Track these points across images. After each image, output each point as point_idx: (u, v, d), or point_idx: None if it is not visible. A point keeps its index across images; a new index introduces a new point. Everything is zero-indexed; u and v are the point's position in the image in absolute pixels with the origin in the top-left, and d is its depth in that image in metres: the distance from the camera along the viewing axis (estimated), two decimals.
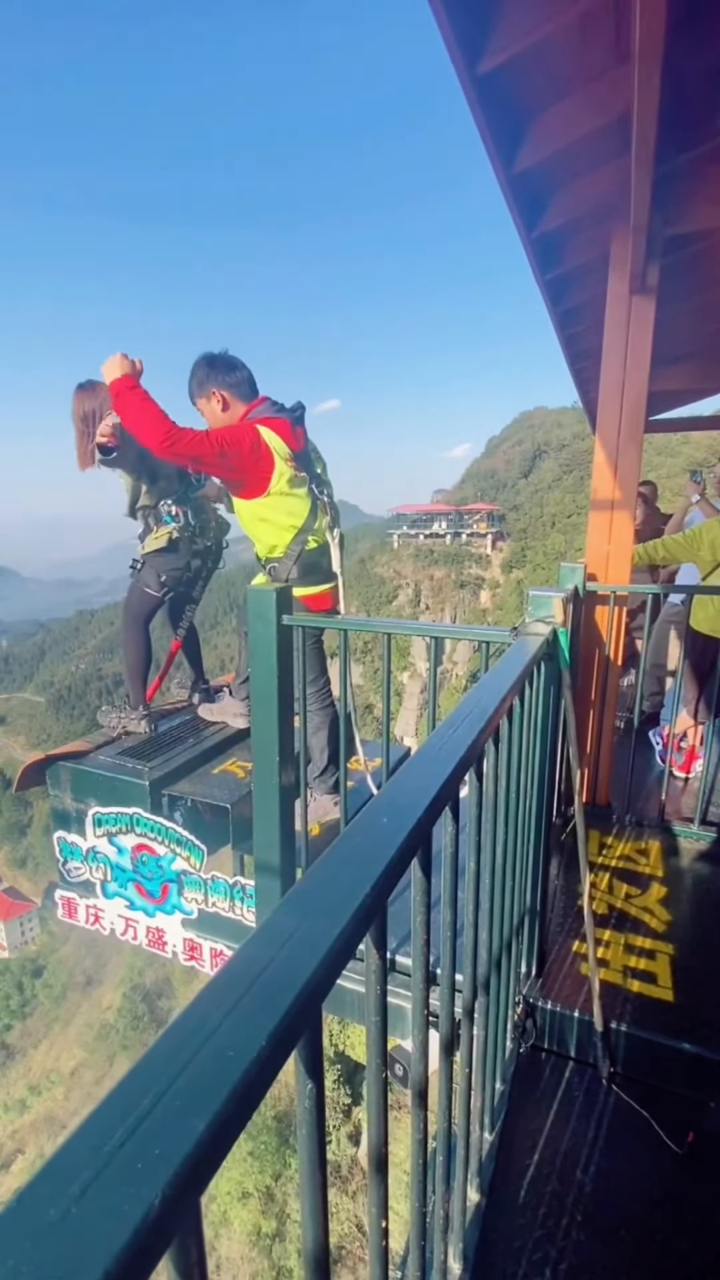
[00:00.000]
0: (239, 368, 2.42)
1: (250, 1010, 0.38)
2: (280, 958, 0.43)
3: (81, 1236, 0.27)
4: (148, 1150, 0.30)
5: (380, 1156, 0.65)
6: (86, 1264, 0.26)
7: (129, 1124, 0.31)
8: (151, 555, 2.82)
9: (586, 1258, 1.31)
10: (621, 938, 2.09)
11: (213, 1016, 0.38)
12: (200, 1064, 0.35)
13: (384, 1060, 0.64)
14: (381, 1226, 0.68)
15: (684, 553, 3.19)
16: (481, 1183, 1.39)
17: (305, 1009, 0.41)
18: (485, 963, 1.26)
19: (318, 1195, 0.50)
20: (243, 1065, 0.35)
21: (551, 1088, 1.70)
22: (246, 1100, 0.34)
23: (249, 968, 0.42)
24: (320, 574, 2.44)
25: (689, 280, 3.07)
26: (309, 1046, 0.46)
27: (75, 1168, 0.29)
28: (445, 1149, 1.02)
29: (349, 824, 0.65)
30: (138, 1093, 0.33)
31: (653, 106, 1.67)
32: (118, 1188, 0.29)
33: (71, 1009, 37.18)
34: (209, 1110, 0.32)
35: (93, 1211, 0.28)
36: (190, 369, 2.44)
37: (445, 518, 65.78)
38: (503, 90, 2.08)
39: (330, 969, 0.45)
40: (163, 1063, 0.35)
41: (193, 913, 2.44)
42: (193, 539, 2.85)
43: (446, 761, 0.80)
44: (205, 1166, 0.31)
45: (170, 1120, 0.32)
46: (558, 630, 1.69)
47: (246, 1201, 19.79)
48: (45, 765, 2.75)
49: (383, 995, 0.63)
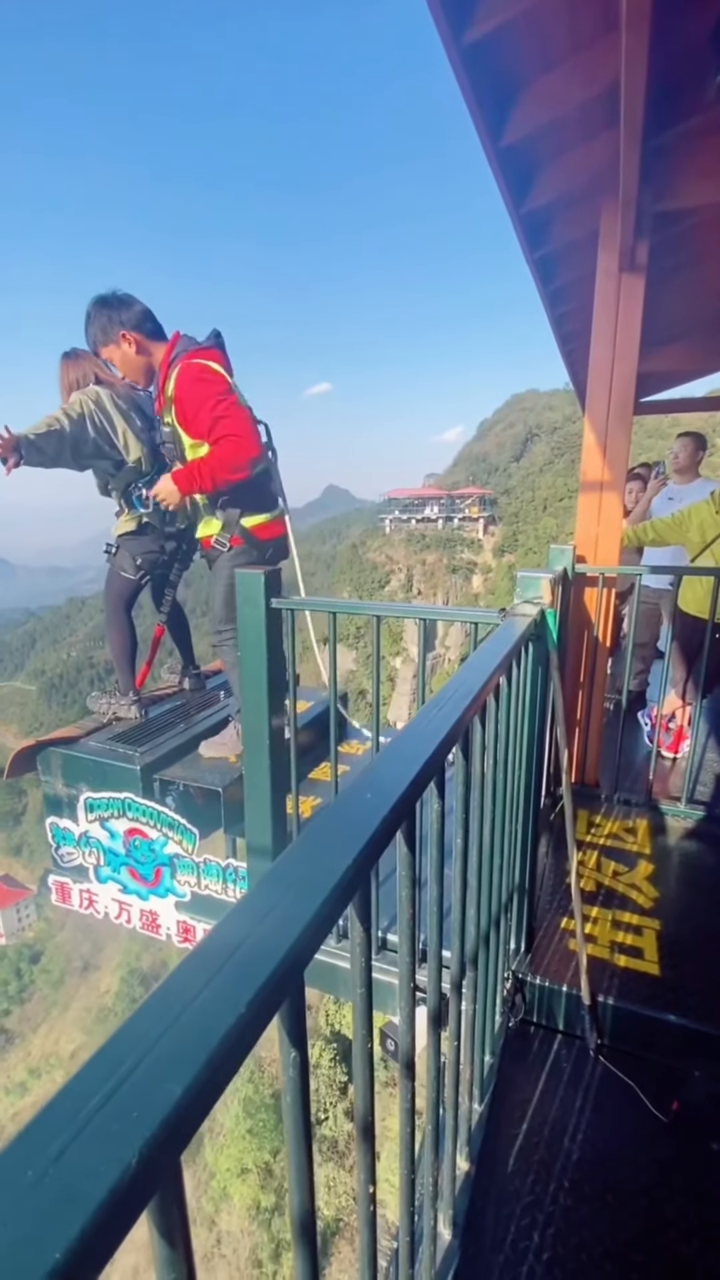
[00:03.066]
0: (134, 302, 2.35)
1: (231, 978, 0.39)
2: (263, 928, 0.43)
3: (59, 1196, 0.27)
4: (125, 1113, 0.30)
5: (367, 1124, 0.66)
6: (64, 1220, 0.26)
7: (107, 1089, 0.32)
8: (124, 538, 2.78)
9: (574, 1221, 1.35)
10: (609, 914, 2.12)
11: (194, 984, 0.38)
12: (180, 1030, 0.35)
13: (369, 1031, 0.65)
14: (369, 1192, 0.70)
15: (673, 534, 3.20)
16: (471, 1152, 1.42)
17: (286, 977, 0.42)
18: (474, 938, 1.28)
19: (304, 1160, 0.51)
20: (221, 1031, 0.35)
21: (540, 1060, 1.74)
22: (225, 1065, 0.35)
23: (231, 938, 0.42)
24: (266, 500, 2.45)
25: (678, 258, 3.05)
26: (291, 1015, 0.46)
27: (53, 1131, 0.29)
28: (435, 1119, 1.04)
29: (333, 802, 0.66)
30: (116, 1059, 0.33)
31: (641, 78, 1.64)
32: (95, 1149, 0.29)
33: (70, 994, 37.47)
34: (187, 1074, 0.33)
35: (70, 1172, 0.28)
36: (85, 319, 2.35)
37: (437, 502, 65.55)
38: (490, 60, 2.04)
39: (312, 938, 0.45)
40: (143, 1029, 0.35)
41: (186, 896, 2.45)
42: (164, 522, 2.79)
43: (431, 738, 0.80)
44: (183, 1128, 0.32)
45: (148, 1084, 0.32)
46: (546, 611, 1.69)
47: (246, 1177, 20.17)
48: (36, 751, 2.74)
49: (368, 968, 0.63)
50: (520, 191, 2.53)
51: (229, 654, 2.55)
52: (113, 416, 2.61)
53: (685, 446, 3.76)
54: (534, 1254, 1.29)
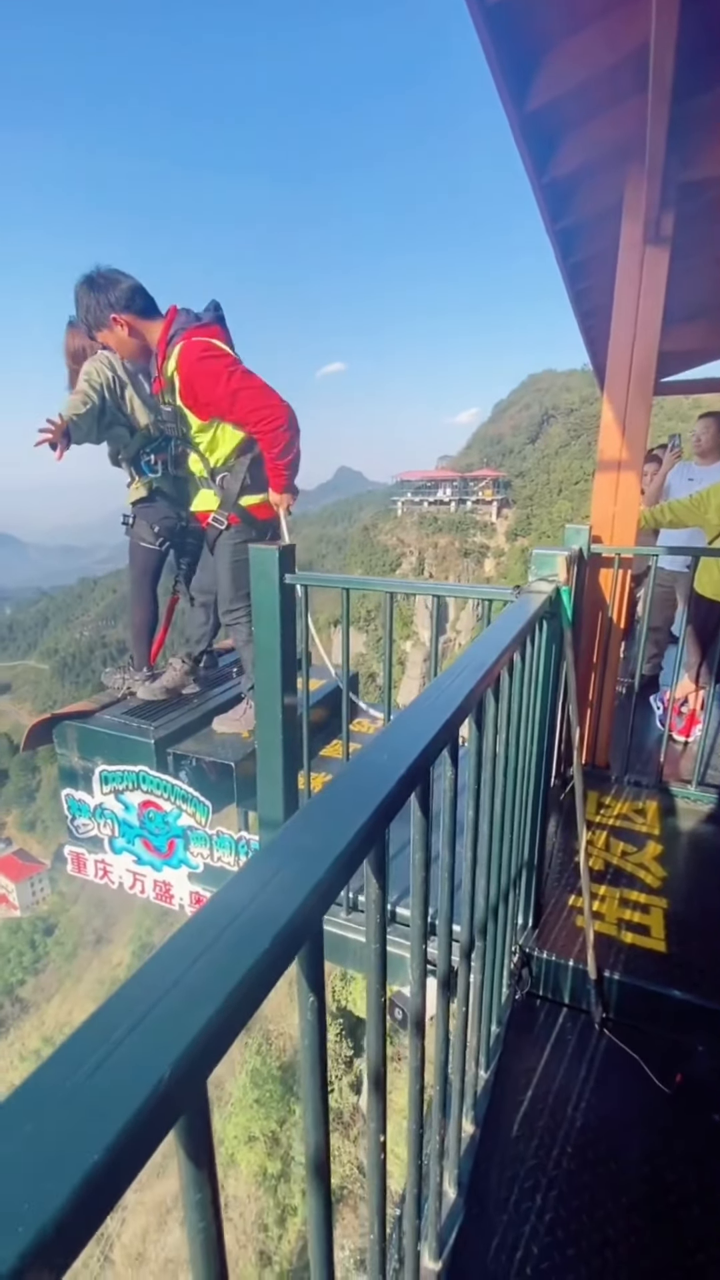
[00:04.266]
0: (121, 278, 2.25)
1: (257, 915, 0.40)
2: (287, 870, 0.45)
3: (94, 1106, 0.29)
4: (157, 1035, 0.32)
5: (379, 1075, 0.68)
6: (99, 1129, 0.28)
7: (138, 1012, 0.33)
8: (139, 506, 2.78)
9: (576, 1185, 1.38)
10: (617, 892, 2.14)
11: (222, 919, 0.39)
12: (207, 961, 0.36)
13: (383, 985, 0.66)
14: (380, 1141, 0.72)
15: (691, 516, 3.16)
16: (476, 1115, 1.45)
17: (308, 918, 0.43)
18: (482, 909, 1.29)
19: (319, 1100, 0.52)
20: (246, 965, 0.37)
21: (545, 1031, 1.76)
22: (251, 995, 0.36)
23: (258, 876, 0.43)
24: (264, 482, 2.41)
25: (705, 230, 2.97)
26: (310, 959, 0.48)
27: (87, 1050, 0.31)
28: (442, 1080, 1.06)
29: (350, 762, 0.67)
30: (149, 986, 0.35)
31: (671, 39, 1.59)
32: (127, 1066, 0.30)
33: (83, 966, 38.40)
34: (213, 1002, 0.34)
35: (104, 1084, 0.29)
36: (74, 303, 2.27)
37: (450, 484, 64.98)
38: (515, 22, 1.98)
39: (332, 885, 0.46)
40: (171, 961, 0.36)
41: (199, 867, 2.50)
42: (175, 489, 2.79)
43: (445, 707, 0.81)
44: (210, 1051, 0.33)
45: (178, 1009, 0.33)
46: (560, 589, 1.68)
47: (253, 1145, 20.72)
48: (52, 724, 2.78)
49: (383, 923, 0.65)
50: (543, 160, 2.47)
51: (241, 631, 2.56)
52: (125, 383, 2.61)
53: (708, 428, 3.69)
54: (536, 1214, 1.32)
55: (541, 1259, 1.24)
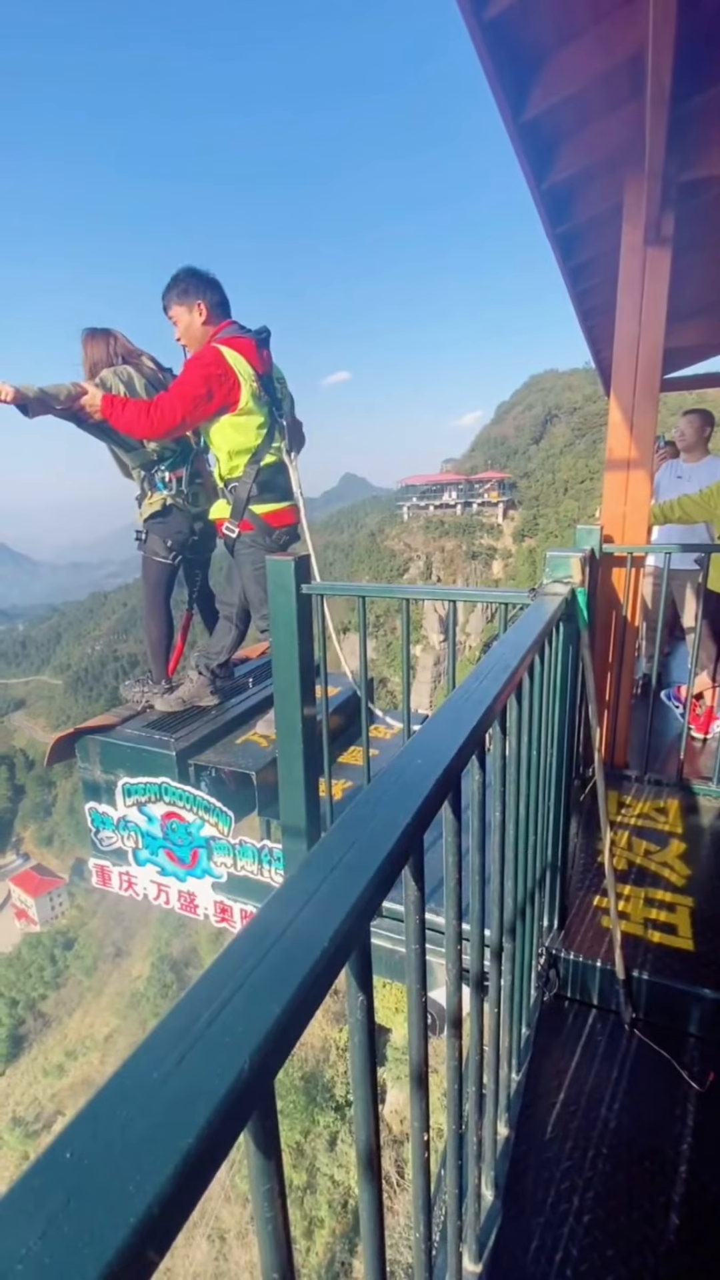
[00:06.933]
0: (220, 286, 2.52)
1: (312, 919, 0.42)
2: (334, 878, 0.46)
3: (182, 1095, 0.31)
4: (232, 1029, 0.34)
5: (421, 1073, 0.69)
6: (188, 1115, 0.30)
7: (211, 1011, 0.35)
8: (152, 522, 2.83)
9: (613, 1185, 1.38)
10: (641, 892, 2.13)
11: (282, 919, 0.41)
12: (272, 960, 0.38)
13: (424, 986, 0.68)
14: (423, 1139, 0.73)
15: (701, 512, 3.16)
16: (510, 1118, 1.46)
17: (357, 924, 0.45)
18: (510, 911, 1.30)
19: (369, 1098, 0.54)
20: (308, 963, 0.39)
21: (575, 1033, 1.76)
22: (313, 992, 0.38)
23: (308, 884, 0.45)
24: (278, 491, 2.56)
25: (705, 229, 2.98)
26: (360, 961, 0.50)
27: (171, 1042, 0.33)
28: (477, 1082, 1.07)
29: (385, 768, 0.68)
30: (217, 985, 0.37)
31: (668, 42, 1.62)
32: (209, 1058, 0.32)
33: (103, 979, 38.47)
34: (283, 997, 0.36)
35: (191, 1073, 0.31)
36: (171, 278, 2.51)
37: (455, 488, 64.94)
38: (511, 34, 2.02)
39: (376, 891, 0.48)
40: (236, 963, 0.38)
41: (222, 877, 2.52)
42: (190, 503, 2.84)
43: (473, 711, 0.83)
44: (281, 1046, 0.35)
45: (248, 1007, 0.35)
46: (576, 590, 1.70)
47: None
48: (74, 739, 2.82)
49: (421, 925, 0.66)
50: (542, 167, 2.50)
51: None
52: (141, 396, 2.65)
53: (692, 423, 3.69)
54: (574, 1216, 1.33)
55: (581, 1260, 1.25)
